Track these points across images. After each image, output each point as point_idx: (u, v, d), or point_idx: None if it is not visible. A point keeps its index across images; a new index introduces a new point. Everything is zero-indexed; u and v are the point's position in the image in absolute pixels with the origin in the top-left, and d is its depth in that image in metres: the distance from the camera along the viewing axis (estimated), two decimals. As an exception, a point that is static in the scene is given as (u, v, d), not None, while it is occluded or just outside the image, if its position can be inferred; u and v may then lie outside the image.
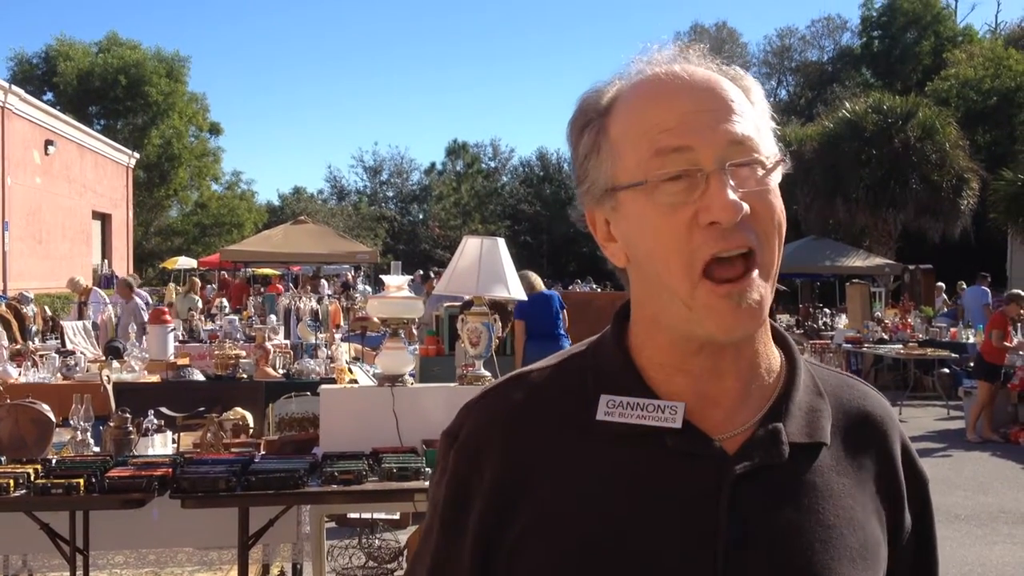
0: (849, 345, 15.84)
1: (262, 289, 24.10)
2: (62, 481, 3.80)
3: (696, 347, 1.10)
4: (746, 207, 1.02)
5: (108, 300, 14.79)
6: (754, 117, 1.09)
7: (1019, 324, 13.05)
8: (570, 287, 29.51)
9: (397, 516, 6.31)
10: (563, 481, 1.10)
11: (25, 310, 15.19)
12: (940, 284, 22.22)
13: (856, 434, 1.17)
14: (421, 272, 22.46)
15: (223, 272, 28.45)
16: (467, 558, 1.13)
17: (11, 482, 3.78)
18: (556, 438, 1.12)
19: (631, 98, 1.11)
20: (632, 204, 1.08)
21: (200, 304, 15.26)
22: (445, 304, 10.06)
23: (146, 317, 12.57)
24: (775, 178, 1.08)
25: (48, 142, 26.94)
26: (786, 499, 1.09)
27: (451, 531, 1.15)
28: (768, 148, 1.08)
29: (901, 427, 1.23)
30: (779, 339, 1.20)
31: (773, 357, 1.17)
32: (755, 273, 1.04)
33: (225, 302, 17.39)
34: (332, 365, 7.94)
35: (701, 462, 1.08)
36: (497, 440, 1.14)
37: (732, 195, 1.02)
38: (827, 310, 21.14)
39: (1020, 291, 13.05)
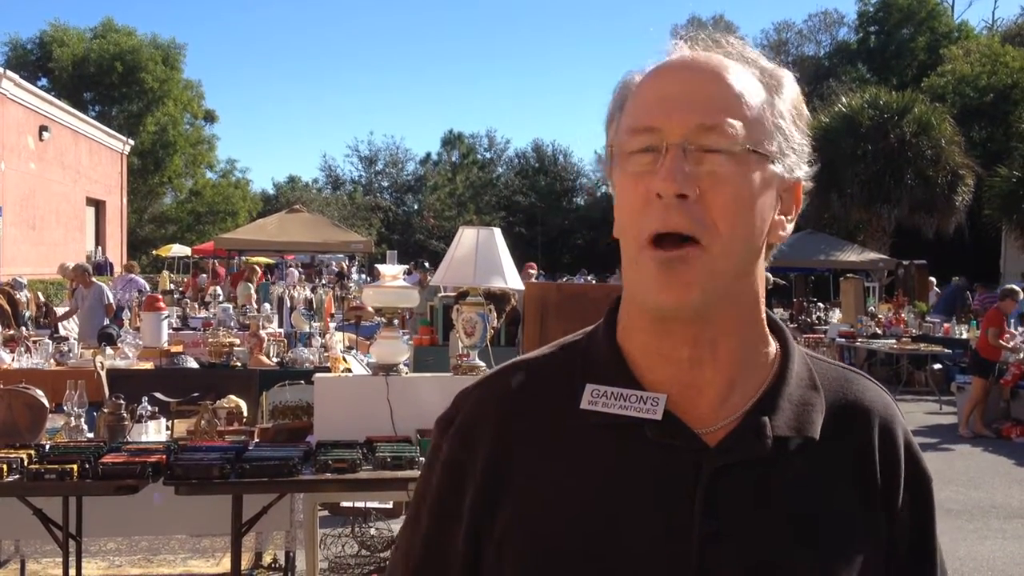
0: (843, 340, 15.88)
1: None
2: (55, 467, 3.79)
3: (662, 328, 1.09)
4: (689, 190, 1.01)
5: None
6: (759, 111, 1.07)
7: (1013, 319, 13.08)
8: (565, 279, 29.47)
9: (390, 505, 6.31)
10: (548, 469, 1.10)
11: (18, 296, 15.14)
12: (933, 279, 22.27)
13: (853, 429, 1.14)
14: (414, 263, 22.48)
15: (213, 260, 28.40)
16: (461, 544, 1.12)
17: (4, 467, 3.77)
18: (545, 426, 1.12)
19: (643, 77, 1.11)
20: (616, 175, 1.10)
21: (254, 291, 15.13)
22: (439, 294, 10.07)
23: (110, 300, 12.56)
24: (756, 175, 1.05)
25: (42, 128, 26.85)
26: (767, 494, 1.07)
27: (445, 517, 1.14)
28: (759, 144, 1.06)
29: (904, 423, 1.20)
30: (775, 330, 1.18)
31: (764, 349, 1.15)
32: (691, 251, 1.02)
33: (219, 290, 17.35)
34: (326, 354, 7.93)
35: (681, 454, 1.07)
36: (491, 427, 1.14)
37: (676, 170, 1.01)
38: (821, 304, 21.17)
39: (1014, 286, 13.08)
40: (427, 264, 21.77)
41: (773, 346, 1.16)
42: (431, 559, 1.15)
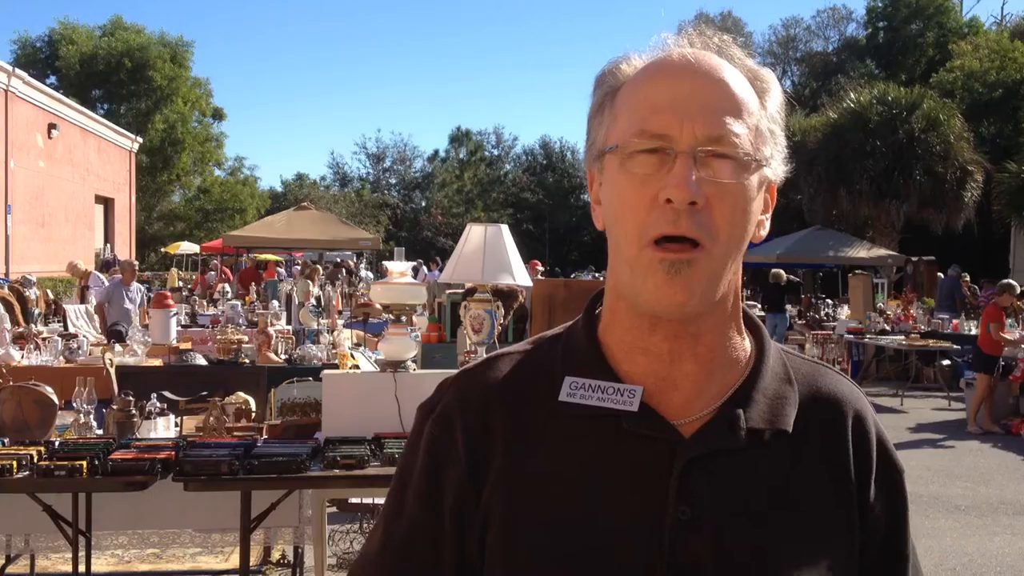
0: (851, 336, 15.82)
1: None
2: (65, 463, 3.81)
3: (649, 325, 1.12)
4: (699, 198, 1.03)
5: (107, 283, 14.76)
6: (757, 118, 1.10)
7: (1020, 315, 13.02)
8: (572, 276, 29.47)
9: (398, 502, 6.31)
10: (526, 458, 1.12)
11: (28, 293, 15.19)
12: (942, 275, 22.18)
13: (825, 422, 1.17)
14: (420, 261, 22.51)
15: (216, 259, 28.50)
16: (447, 526, 1.14)
17: (14, 463, 3.79)
18: (525, 416, 1.15)
19: (641, 72, 1.13)
20: (610, 168, 1.11)
21: (312, 289, 15.15)
22: (447, 291, 10.07)
23: (145, 303, 12.59)
24: (754, 180, 1.09)
25: (51, 126, 26.91)
26: (740, 484, 1.10)
27: (428, 499, 1.16)
28: (759, 151, 1.09)
29: (876, 417, 1.23)
30: (751, 326, 1.22)
31: (741, 346, 1.18)
32: (697, 255, 1.05)
33: (228, 287, 17.40)
34: (334, 351, 7.94)
35: (656, 445, 1.10)
36: (471, 415, 1.16)
37: (688, 178, 1.03)
38: (829, 300, 21.10)
39: (1011, 280, 13.02)
40: (436, 259, 21.76)
41: (748, 341, 1.20)
42: (418, 540, 1.16)
